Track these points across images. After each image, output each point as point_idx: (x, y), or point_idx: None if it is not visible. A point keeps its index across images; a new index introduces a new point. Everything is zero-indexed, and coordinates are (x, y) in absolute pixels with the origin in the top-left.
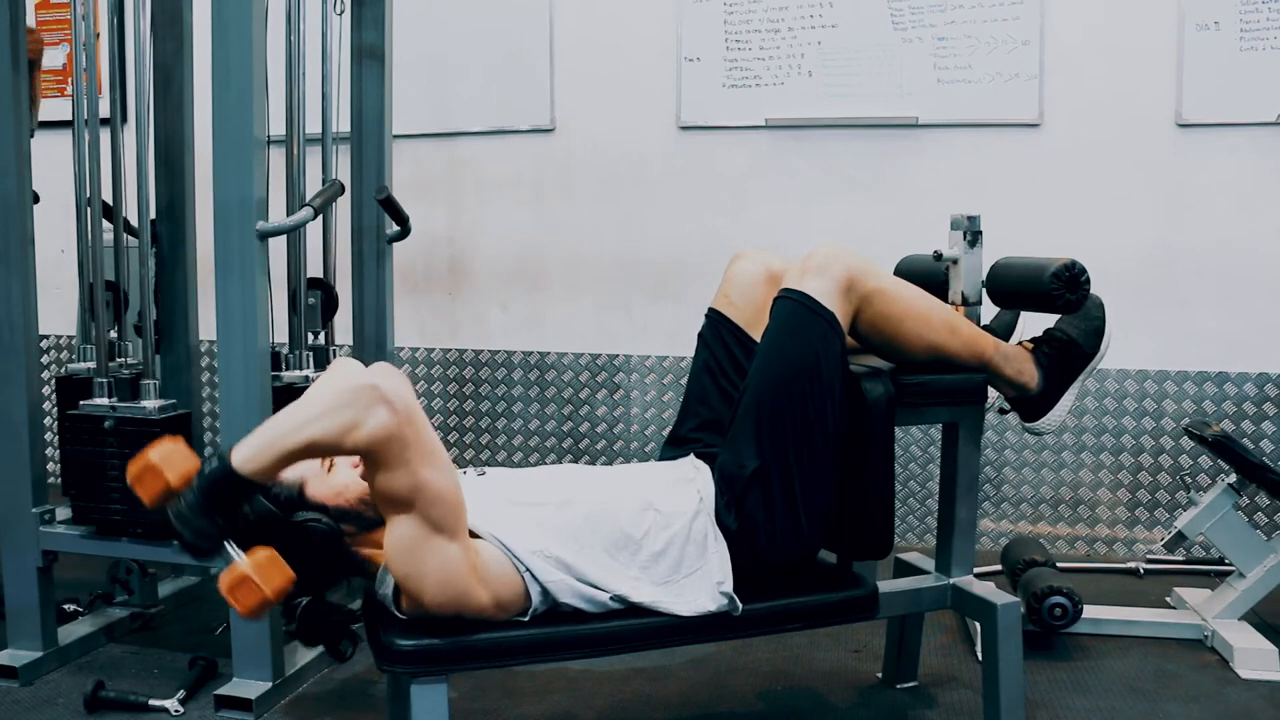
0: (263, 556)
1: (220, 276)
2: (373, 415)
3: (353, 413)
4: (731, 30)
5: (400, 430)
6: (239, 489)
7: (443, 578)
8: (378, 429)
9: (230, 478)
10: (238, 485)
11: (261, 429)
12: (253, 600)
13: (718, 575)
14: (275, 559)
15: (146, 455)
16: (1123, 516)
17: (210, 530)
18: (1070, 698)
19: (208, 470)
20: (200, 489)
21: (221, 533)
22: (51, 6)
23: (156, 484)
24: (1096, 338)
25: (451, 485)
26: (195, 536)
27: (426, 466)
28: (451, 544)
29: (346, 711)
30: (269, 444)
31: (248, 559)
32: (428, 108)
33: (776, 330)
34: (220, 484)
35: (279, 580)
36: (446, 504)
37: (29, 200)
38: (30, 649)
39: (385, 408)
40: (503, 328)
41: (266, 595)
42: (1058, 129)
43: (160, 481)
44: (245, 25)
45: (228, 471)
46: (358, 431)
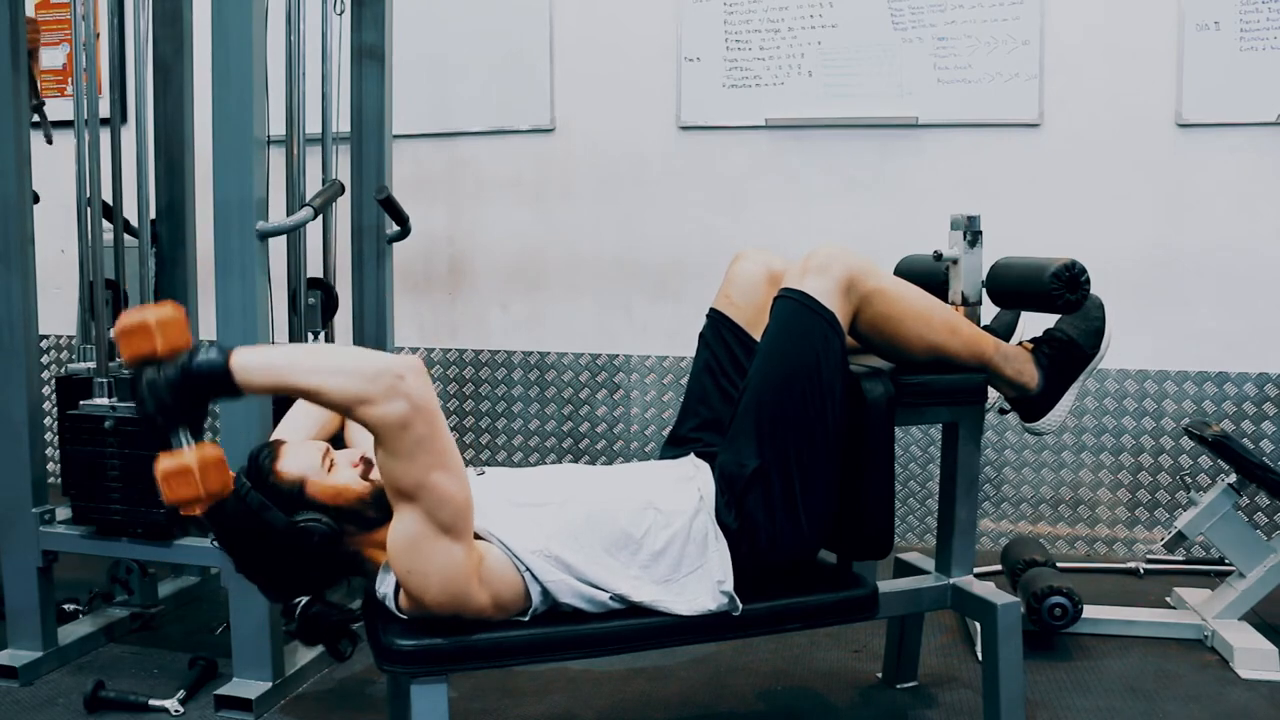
0: (211, 455)
1: (220, 276)
2: (389, 402)
3: (371, 389)
4: (731, 30)
5: (412, 424)
6: (224, 389)
7: (444, 578)
8: (388, 415)
9: (221, 377)
10: (225, 386)
11: (278, 350)
12: (185, 493)
13: (718, 574)
14: (221, 462)
15: (144, 313)
16: (1123, 516)
17: (175, 412)
18: (1070, 698)
19: (202, 359)
20: (185, 371)
21: (184, 418)
22: (51, 6)
23: (143, 345)
24: (1096, 338)
25: (460, 492)
26: (157, 411)
27: (437, 470)
28: (456, 545)
29: (346, 711)
30: (276, 368)
31: (195, 452)
32: (428, 108)
33: (777, 330)
34: (208, 378)
35: (216, 484)
36: (453, 508)
37: (29, 200)
38: (30, 649)
39: (403, 400)
40: (503, 328)
41: (199, 494)
42: (1058, 129)
43: (148, 344)
44: (245, 25)
45: (221, 371)
46: (367, 408)
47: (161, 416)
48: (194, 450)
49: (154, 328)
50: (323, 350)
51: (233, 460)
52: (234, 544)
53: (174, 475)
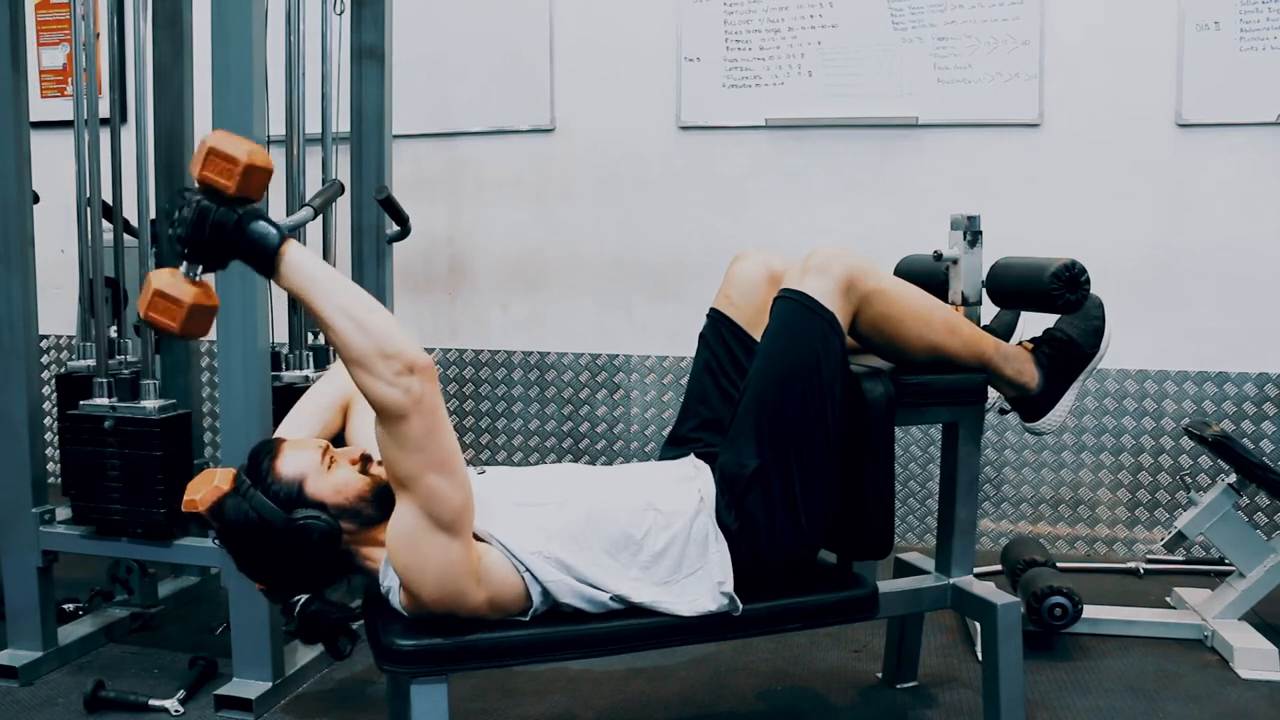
0: (206, 302)
1: (220, 276)
2: (389, 387)
3: (380, 365)
4: (731, 30)
5: (407, 420)
6: (260, 264)
7: (441, 574)
8: (384, 397)
9: (265, 255)
10: (262, 263)
11: (324, 269)
12: (163, 320)
13: (718, 575)
14: (212, 312)
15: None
16: (1123, 516)
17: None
18: (1070, 698)
19: (259, 228)
20: (240, 226)
21: (211, 260)
22: (51, 6)
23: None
24: (1096, 338)
25: (458, 494)
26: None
27: (433, 470)
28: (453, 542)
29: (346, 711)
30: (315, 281)
31: (196, 289)
32: (428, 108)
33: (776, 330)
34: (253, 247)
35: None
36: (449, 507)
37: (29, 200)
38: (30, 649)
39: (402, 393)
40: (503, 328)
41: (176, 328)
42: (1058, 129)
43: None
44: (245, 25)
45: (270, 252)
46: (367, 378)
47: (191, 247)
48: (196, 287)
49: (242, 167)
50: (360, 297)
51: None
52: (234, 542)
53: (164, 299)
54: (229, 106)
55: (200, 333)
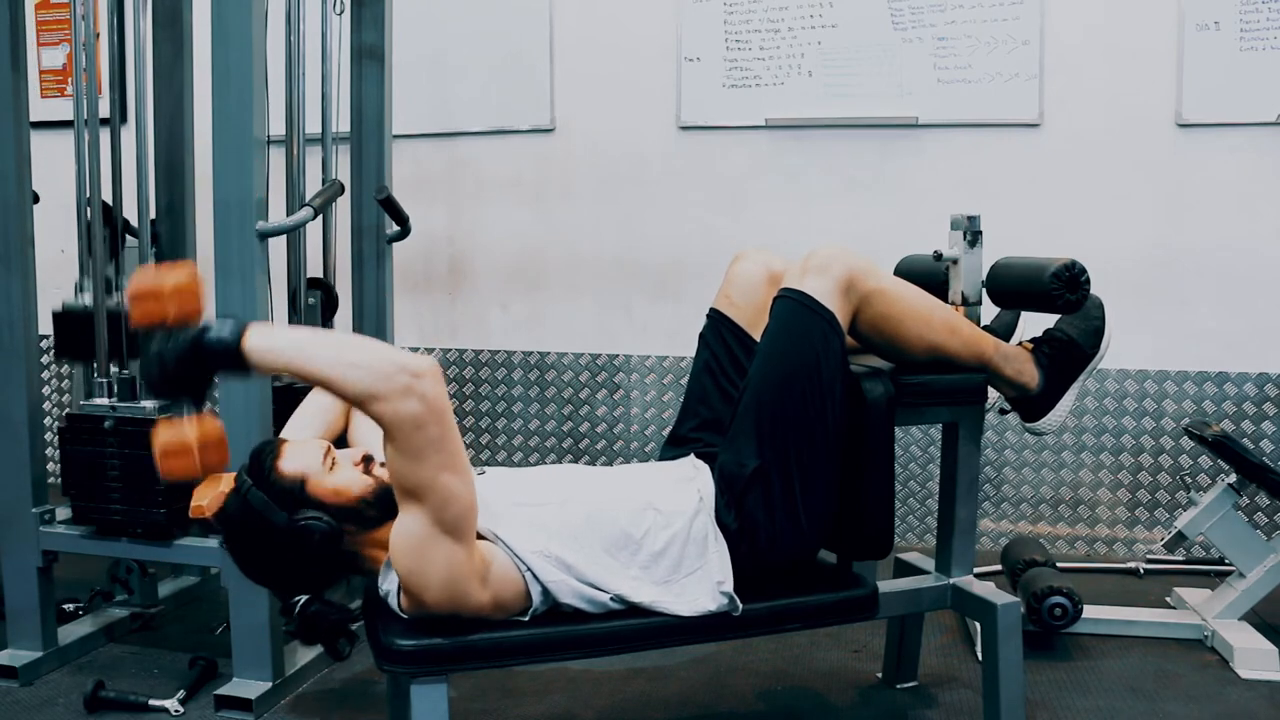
0: (211, 432)
1: (220, 276)
2: (402, 401)
3: (385, 386)
4: (731, 30)
5: (425, 425)
6: (235, 365)
7: (446, 578)
8: (400, 413)
9: (233, 355)
10: (233, 361)
11: (294, 335)
12: (181, 469)
13: (718, 575)
14: (222, 440)
15: (160, 277)
16: (1123, 516)
17: (180, 384)
18: (1070, 698)
19: (215, 334)
20: (195, 343)
21: (189, 391)
22: (51, 6)
23: (155, 311)
24: (1096, 338)
25: (466, 493)
26: (164, 380)
27: (446, 471)
28: (458, 546)
29: (347, 711)
30: (291, 351)
31: (196, 426)
32: (428, 108)
33: (776, 330)
34: (219, 353)
35: (215, 462)
36: (458, 509)
37: (29, 200)
38: (30, 649)
39: (417, 400)
40: (503, 328)
41: (196, 471)
42: (1058, 129)
43: (159, 311)
44: (245, 25)
45: (233, 349)
46: (380, 404)
47: (166, 387)
48: (195, 424)
49: (167, 294)
50: (340, 340)
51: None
52: (235, 541)
53: (172, 450)
54: (229, 106)
55: (222, 462)
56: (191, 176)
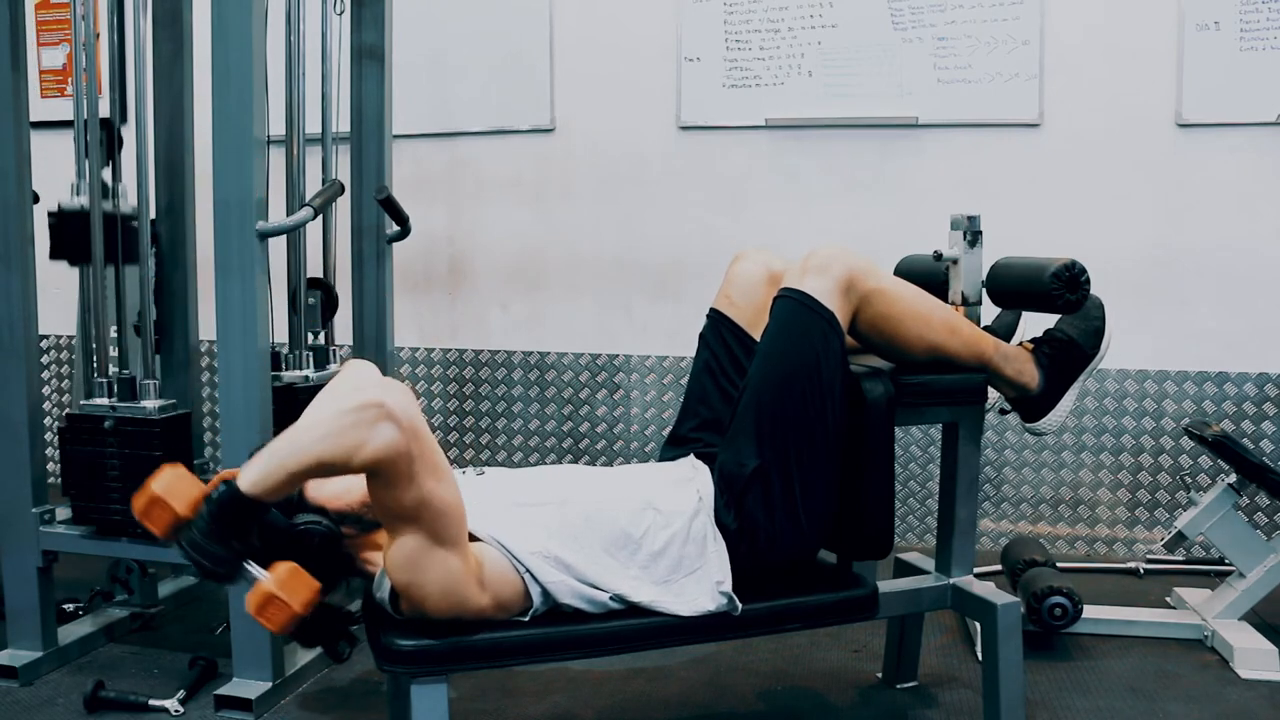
0: (285, 572)
1: (220, 276)
2: (378, 433)
3: (359, 433)
4: (731, 30)
5: (407, 447)
6: (249, 511)
7: (444, 588)
8: (384, 447)
9: (239, 501)
10: (248, 508)
11: (267, 451)
12: (283, 618)
13: (717, 575)
14: (298, 572)
15: (149, 488)
16: (1123, 516)
17: (226, 555)
18: (1070, 698)
19: (216, 496)
20: (211, 516)
21: (238, 555)
22: (51, 6)
23: (165, 516)
24: (1096, 338)
25: (455, 499)
26: (213, 564)
27: (431, 480)
28: (453, 555)
29: (346, 711)
30: (276, 467)
31: (270, 576)
32: (428, 108)
33: (776, 330)
34: (230, 509)
35: (305, 593)
36: (450, 517)
37: (29, 200)
38: (30, 649)
39: (390, 424)
40: (503, 328)
41: (295, 611)
42: (1058, 129)
43: (168, 513)
44: (245, 25)
45: (236, 496)
46: (364, 451)
47: (222, 567)
48: (269, 576)
49: (165, 496)
50: (300, 424)
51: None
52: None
53: (266, 607)
54: (229, 106)
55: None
56: (191, 176)
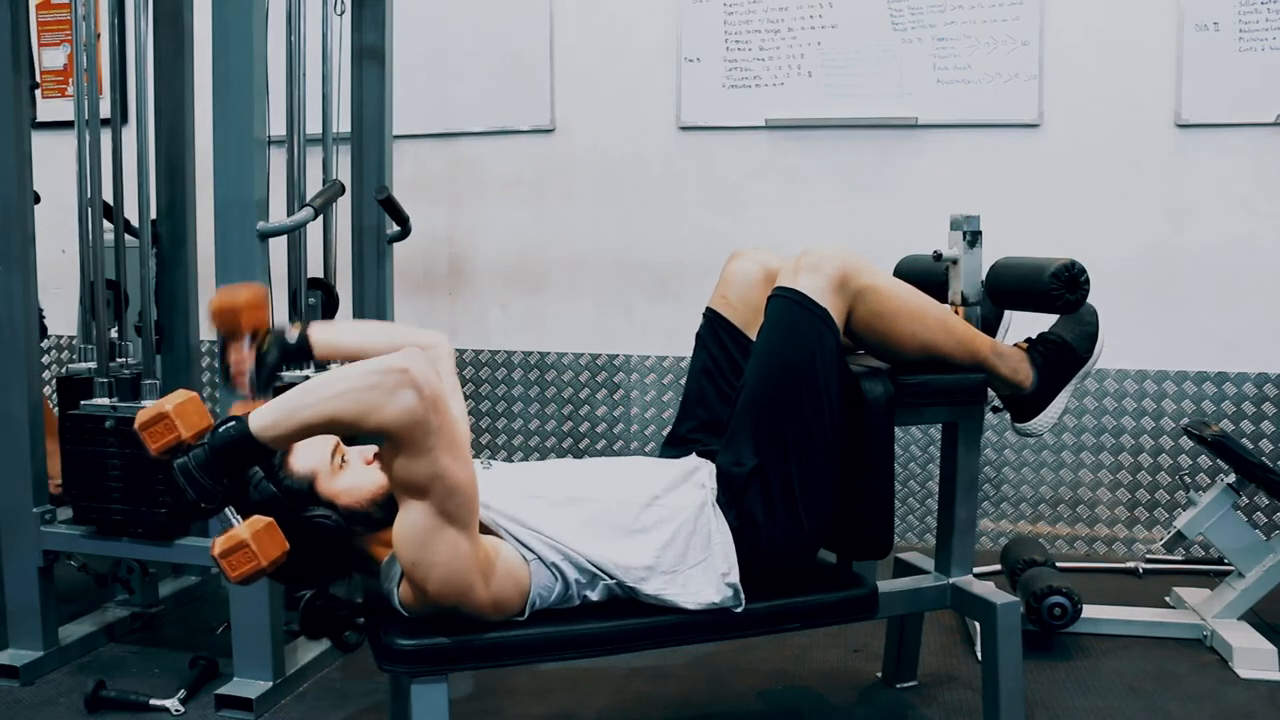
0: (261, 525)
1: (221, 276)
2: (398, 398)
3: (378, 394)
4: (731, 30)
5: (425, 416)
6: (253, 454)
7: (450, 570)
8: (401, 413)
9: (246, 442)
10: (252, 450)
11: (284, 397)
12: (246, 568)
13: (722, 566)
14: (273, 529)
15: (161, 404)
16: (1122, 516)
17: (215, 491)
18: (1070, 698)
19: (224, 432)
20: (212, 448)
21: (225, 495)
22: (52, 7)
23: (167, 435)
24: (1090, 342)
25: (469, 478)
26: (199, 495)
27: (447, 456)
28: (462, 537)
29: (347, 711)
30: (290, 413)
31: (246, 526)
32: (428, 108)
33: (771, 329)
34: (234, 447)
35: (274, 551)
36: (462, 496)
37: (30, 200)
38: (31, 649)
39: (412, 392)
40: (503, 328)
41: (261, 565)
42: (1057, 129)
43: (171, 433)
44: (245, 26)
45: (244, 435)
46: (381, 413)
47: (204, 500)
48: (244, 524)
49: (173, 415)
50: (325, 377)
51: None
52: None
53: (233, 553)
54: (229, 107)
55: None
56: (192, 177)
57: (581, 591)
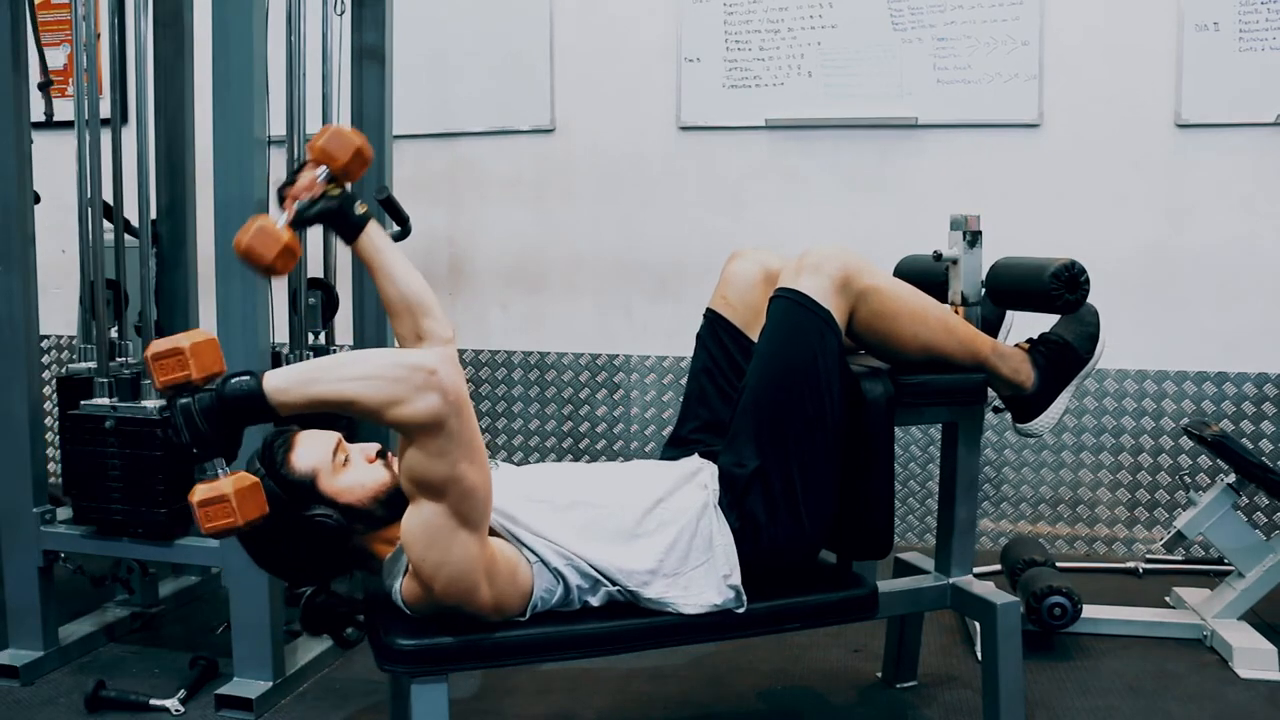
0: (246, 484)
1: (221, 276)
2: (422, 398)
3: (403, 388)
4: (731, 30)
5: (447, 420)
6: (259, 413)
7: (457, 570)
8: (424, 413)
9: (256, 400)
10: (260, 409)
11: (305, 366)
12: (222, 522)
13: (724, 568)
14: (257, 489)
15: (177, 339)
16: (1122, 516)
17: (210, 439)
18: (1070, 698)
19: (236, 384)
20: (221, 397)
21: (221, 446)
22: (52, 7)
23: (178, 371)
24: (1091, 343)
25: (485, 482)
26: (194, 439)
27: (466, 461)
28: (473, 539)
29: (347, 711)
30: (308, 382)
31: (232, 480)
32: (428, 108)
33: (773, 330)
34: (244, 401)
35: (253, 511)
36: (477, 500)
37: (30, 200)
38: (31, 649)
39: (438, 395)
40: (503, 328)
41: (237, 522)
42: (1058, 129)
43: (182, 370)
44: (245, 25)
45: (256, 393)
46: (402, 408)
47: (198, 446)
48: (230, 479)
49: (188, 353)
50: (351, 357)
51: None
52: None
53: (212, 505)
54: (229, 107)
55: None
56: (192, 176)
57: (583, 597)
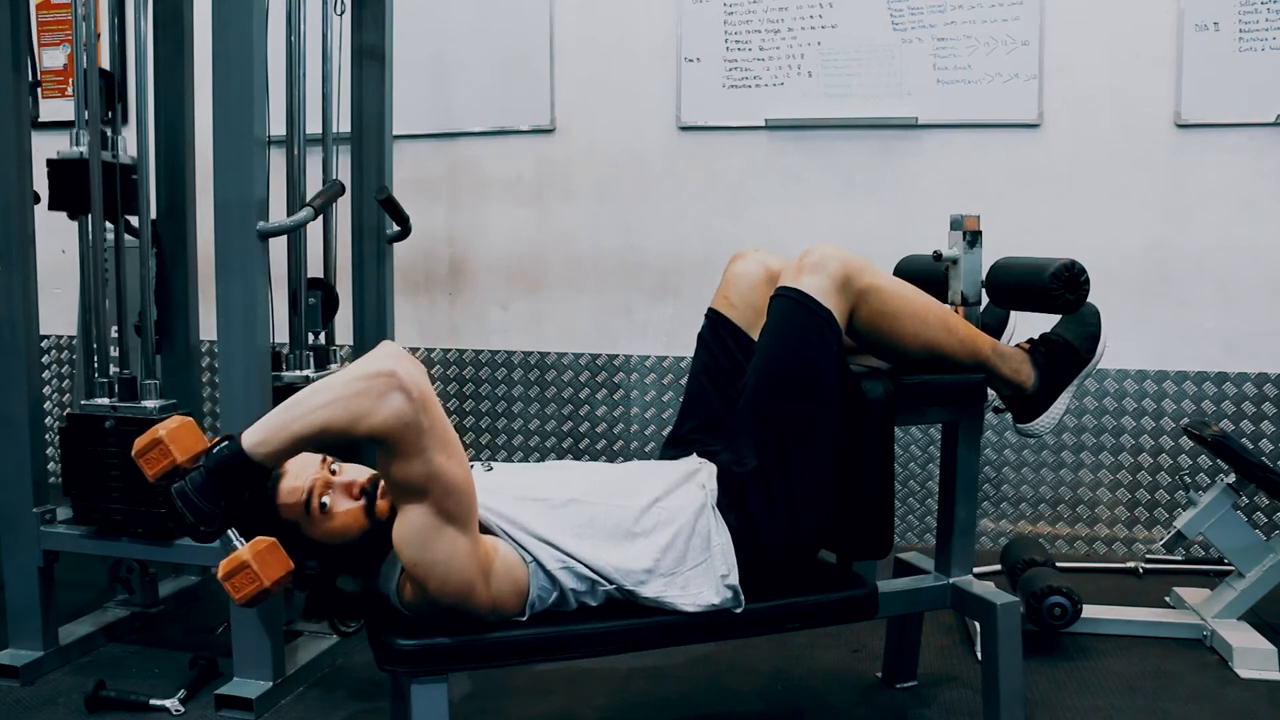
0: (263, 546)
1: (221, 277)
2: (387, 402)
3: (367, 399)
4: (731, 30)
5: (416, 418)
6: (248, 474)
7: (450, 569)
8: (392, 416)
9: (240, 461)
10: (247, 470)
11: (274, 412)
12: (250, 589)
13: (721, 568)
14: (276, 548)
15: (155, 430)
16: (1122, 516)
17: (214, 513)
18: (1070, 697)
19: (218, 453)
20: (209, 470)
21: (225, 517)
22: (52, 7)
23: (162, 460)
24: (1092, 343)
25: (465, 475)
26: (198, 519)
27: (442, 454)
28: (462, 536)
29: (347, 711)
30: (280, 427)
31: (248, 547)
32: (428, 108)
33: (773, 329)
34: (229, 466)
35: (277, 570)
36: (460, 494)
37: (29, 200)
38: (31, 649)
39: (400, 395)
40: (503, 328)
41: (264, 585)
42: (1058, 129)
43: (166, 458)
44: (245, 25)
45: (238, 454)
46: (371, 419)
47: (204, 523)
48: (246, 546)
49: (168, 441)
50: (314, 388)
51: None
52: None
53: (236, 574)
54: (229, 107)
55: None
56: (192, 176)
57: (580, 599)
